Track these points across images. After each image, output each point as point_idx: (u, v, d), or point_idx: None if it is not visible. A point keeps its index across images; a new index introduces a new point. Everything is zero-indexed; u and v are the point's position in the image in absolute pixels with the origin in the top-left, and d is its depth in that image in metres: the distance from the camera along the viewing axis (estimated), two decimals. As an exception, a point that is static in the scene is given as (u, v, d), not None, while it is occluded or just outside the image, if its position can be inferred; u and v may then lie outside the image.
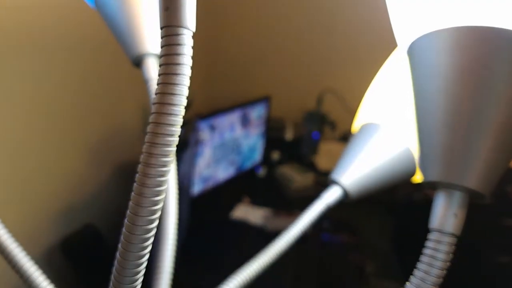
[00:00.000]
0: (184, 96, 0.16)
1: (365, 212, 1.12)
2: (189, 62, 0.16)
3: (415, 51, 0.20)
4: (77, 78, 0.93)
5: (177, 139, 0.16)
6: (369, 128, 0.31)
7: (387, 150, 0.30)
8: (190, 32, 0.16)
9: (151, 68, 0.29)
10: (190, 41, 0.16)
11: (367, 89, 0.36)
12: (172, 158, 0.16)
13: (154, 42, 0.29)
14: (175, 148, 0.16)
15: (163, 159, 0.16)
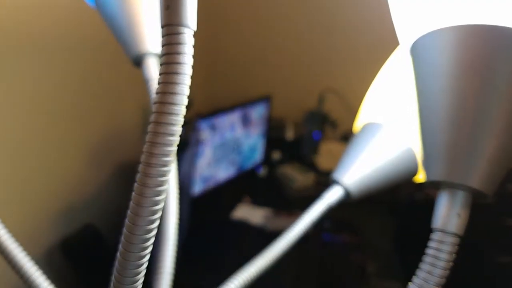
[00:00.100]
0: (185, 96, 0.16)
1: (366, 212, 1.12)
2: (190, 61, 0.16)
3: (418, 50, 0.20)
4: (77, 78, 0.93)
5: (178, 138, 0.16)
6: (371, 128, 0.31)
7: (389, 150, 0.29)
8: (191, 31, 0.16)
9: (151, 67, 0.29)
10: (191, 40, 0.16)
11: (368, 88, 0.36)
12: (173, 158, 0.16)
13: (154, 41, 0.29)
14: (176, 148, 0.16)
15: (164, 158, 0.16)
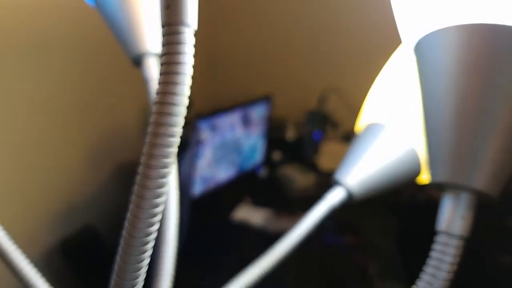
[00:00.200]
0: (185, 96, 0.15)
1: (368, 213, 1.12)
2: (191, 61, 0.15)
3: (422, 49, 0.20)
4: (77, 78, 0.93)
5: (178, 139, 0.16)
6: (373, 129, 0.31)
7: (392, 151, 0.29)
8: (191, 30, 0.15)
9: (151, 67, 0.28)
10: (191, 39, 0.15)
11: (369, 88, 0.36)
12: (173, 159, 0.16)
13: (154, 41, 0.29)
14: (176, 149, 0.16)
15: (164, 160, 0.15)
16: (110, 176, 1.11)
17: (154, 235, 0.16)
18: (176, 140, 0.16)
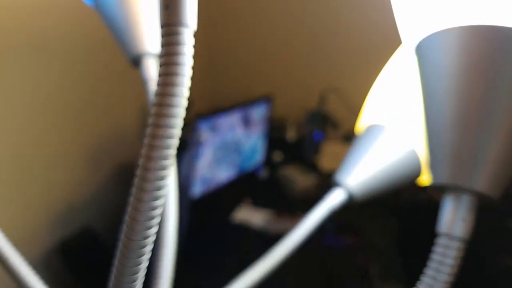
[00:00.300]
0: (184, 98, 0.15)
1: (368, 214, 1.11)
2: (190, 62, 0.15)
3: (424, 50, 0.19)
4: (76, 78, 0.93)
5: (177, 142, 0.16)
6: (373, 130, 0.31)
7: (392, 152, 0.29)
8: (191, 31, 0.15)
9: (150, 68, 0.28)
10: (191, 40, 0.15)
11: (370, 88, 0.35)
12: (172, 161, 0.16)
13: (153, 41, 0.29)
14: (175, 151, 0.16)
15: (163, 162, 0.15)
16: (109, 177, 1.11)
17: (152, 238, 0.16)
18: (175, 142, 0.15)
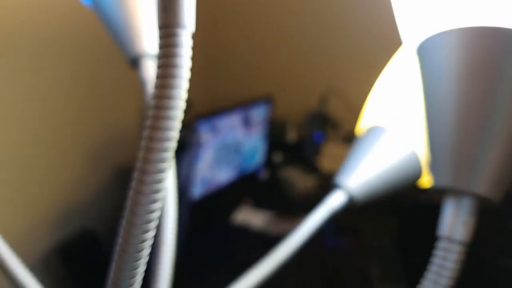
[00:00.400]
0: (182, 100, 0.15)
1: (369, 215, 1.11)
2: (187, 64, 0.15)
3: (425, 51, 0.19)
4: (76, 79, 0.93)
5: (175, 144, 0.15)
6: (374, 132, 0.31)
7: (393, 154, 0.29)
8: (189, 32, 0.15)
9: (148, 69, 0.28)
10: (189, 42, 0.15)
11: (370, 89, 0.35)
12: (169, 164, 0.16)
13: (151, 42, 0.29)
14: (173, 154, 0.16)
15: (160, 165, 0.15)
16: (109, 178, 1.11)
17: (150, 242, 0.16)
18: (173, 145, 0.15)
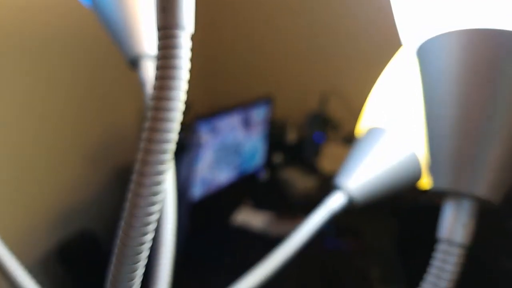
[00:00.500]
0: (181, 101, 0.15)
1: (368, 216, 1.11)
2: (187, 65, 0.15)
3: (425, 53, 0.19)
4: (75, 79, 0.93)
5: (174, 146, 0.15)
6: (374, 133, 0.30)
7: (393, 155, 0.29)
8: (188, 33, 0.15)
9: (148, 70, 0.28)
10: (188, 43, 0.15)
11: (370, 89, 0.35)
12: (168, 166, 0.16)
13: (151, 43, 0.29)
14: (172, 156, 0.16)
15: (159, 166, 0.15)
16: (109, 178, 1.11)
17: (149, 244, 0.16)
18: (172, 146, 0.15)
